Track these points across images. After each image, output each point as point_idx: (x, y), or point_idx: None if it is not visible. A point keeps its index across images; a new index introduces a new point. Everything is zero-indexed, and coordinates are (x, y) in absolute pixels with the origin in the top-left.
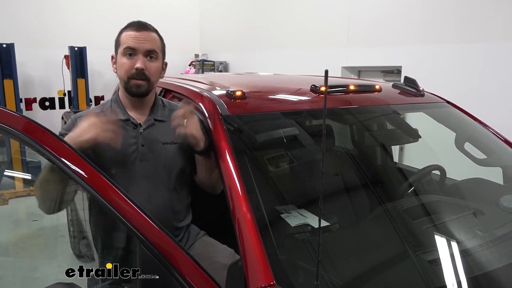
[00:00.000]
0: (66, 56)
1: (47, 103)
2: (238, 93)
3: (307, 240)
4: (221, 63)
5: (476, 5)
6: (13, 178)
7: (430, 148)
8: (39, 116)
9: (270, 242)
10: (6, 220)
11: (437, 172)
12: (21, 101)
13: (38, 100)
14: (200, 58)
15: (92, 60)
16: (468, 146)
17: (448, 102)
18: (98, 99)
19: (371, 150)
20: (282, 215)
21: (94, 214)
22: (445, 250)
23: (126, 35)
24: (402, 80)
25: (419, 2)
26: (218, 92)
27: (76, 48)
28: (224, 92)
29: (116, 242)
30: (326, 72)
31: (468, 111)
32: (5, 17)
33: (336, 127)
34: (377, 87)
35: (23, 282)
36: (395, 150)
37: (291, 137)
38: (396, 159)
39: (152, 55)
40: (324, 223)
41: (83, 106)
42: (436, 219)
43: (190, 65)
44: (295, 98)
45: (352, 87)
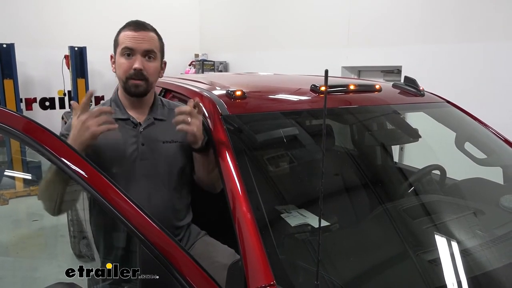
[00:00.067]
0: (66, 56)
1: (47, 103)
2: (238, 93)
3: (307, 240)
4: (221, 63)
5: (476, 5)
6: (13, 178)
7: (430, 148)
8: (39, 116)
9: (270, 242)
10: (6, 220)
11: (437, 172)
12: (21, 101)
13: (38, 100)
14: (200, 58)
15: (92, 60)
16: (468, 146)
17: (448, 102)
18: (98, 99)
19: (371, 150)
20: (282, 215)
21: (94, 214)
22: (445, 250)
23: (124, 35)
24: (402, 80)
25: (419, 2)
26: (218, 92)
27: (76, 48)
28: (224, 92)
29: (116, 242)
30: (326, 72)
31: (468, 111)
32: (5, 17)
33: (336, 127)
34: (377, 87)
35: (23, 282)
36: (395, 150)
37: (291, 137)
38: (396, 159)
39: (151, 55)
40: (324, 223)
41: None
42: (436, 219)
43: (190, 65)
44: (295, 98)
45: (352, 87)
